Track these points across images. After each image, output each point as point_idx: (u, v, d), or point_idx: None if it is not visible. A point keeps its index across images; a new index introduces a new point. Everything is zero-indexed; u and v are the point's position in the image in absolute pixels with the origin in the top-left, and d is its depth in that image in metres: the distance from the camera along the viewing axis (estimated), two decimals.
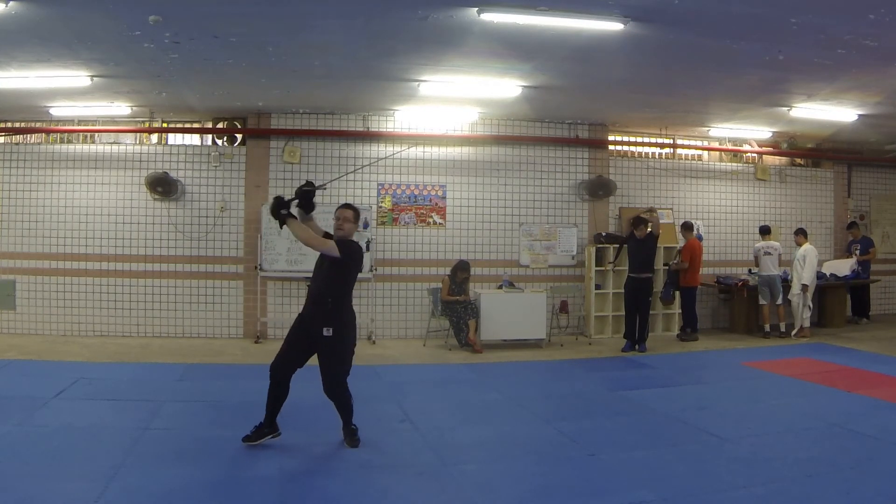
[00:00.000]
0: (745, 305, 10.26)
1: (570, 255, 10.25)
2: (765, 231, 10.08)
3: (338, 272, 4.71)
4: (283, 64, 7.12)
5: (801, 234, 10.01)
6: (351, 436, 4.73)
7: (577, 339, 9.67)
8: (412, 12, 5.59)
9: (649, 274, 8.91)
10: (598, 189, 10.12)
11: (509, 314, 8.96)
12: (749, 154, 11.29)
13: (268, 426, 4.70)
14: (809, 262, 9.68)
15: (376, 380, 7.08)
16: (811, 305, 9.87)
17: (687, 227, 9.90)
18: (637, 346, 8.79)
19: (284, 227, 4.64)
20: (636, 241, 8.86)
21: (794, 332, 9.75)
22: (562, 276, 10.21)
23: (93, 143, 9.52)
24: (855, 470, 4.34)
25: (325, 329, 4.62)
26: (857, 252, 11.12)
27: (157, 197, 9.31)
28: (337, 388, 4.68)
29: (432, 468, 4.42)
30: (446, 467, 4.43)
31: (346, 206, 4.92)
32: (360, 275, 9.28)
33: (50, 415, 5.41)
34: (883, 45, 6.12)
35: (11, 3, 5.23)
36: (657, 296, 9.66)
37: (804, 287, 9.69)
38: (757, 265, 9.97)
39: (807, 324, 9.80)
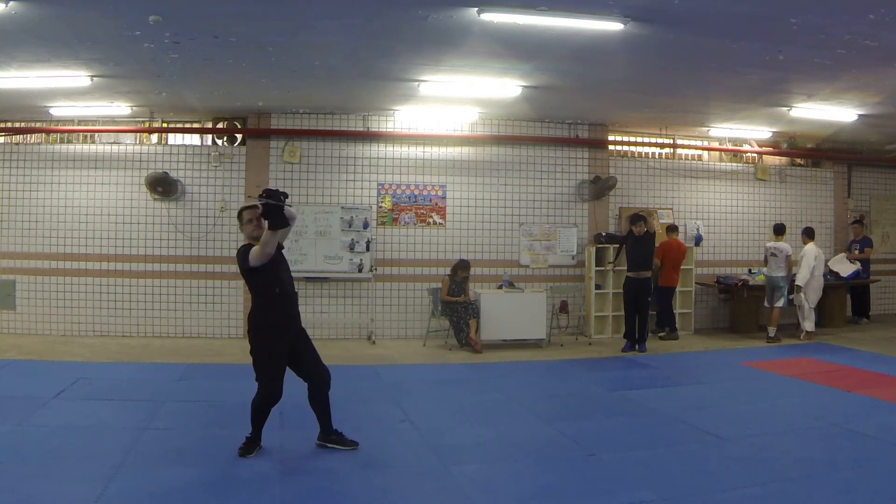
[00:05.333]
0: (745, 305, 10.25)
1: (570, 255, 10.25)
2: (778, 231, 9.68)
3: None
4: (283, 64, 7.12)
5: (805, 234, 9.82)
6: (342, 438, 4.67)
7: (577, 339, 9.67)
8: (412, 12, 5.59)
9: (648, 274, 8.91)
10: (605, 191, 10.11)
11: (509, 314, 8.96)
12: (749, 154, 11.29)
13: (258, 439, 4.60)
14: (805, 263, 9.50)
15: (376, 380, 7.08)
16: (806, 306, 9.56)
17: (669, 227, 9.90)
18: (637, 346, 8.78)
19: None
20: (634, 238, 8.87)
21: (801, 335, 9.60)
22: (562, 276, 10.20)
23: (93, 143, 9.52)
24: (855, 470, 4.34)
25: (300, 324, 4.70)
26: (857, 251, 11.12)
27: (157, 197, 9.31)
28: (327, 369, 4.71)
29: (432, 468, 4.42)
30: (446, 467, 4.42)
31: (250, 206, 4.64)
32: (359, 275, 9.40)
33: (50, 415, 5.41)
34: (883, 45, 6.12)
35: (11, 3, 5.23)
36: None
37: (797, 288, 9.51)
38: (765, 265, 9.73)
39: (808, 327, 9.53)
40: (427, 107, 9.15)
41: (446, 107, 9.17)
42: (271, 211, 4.18)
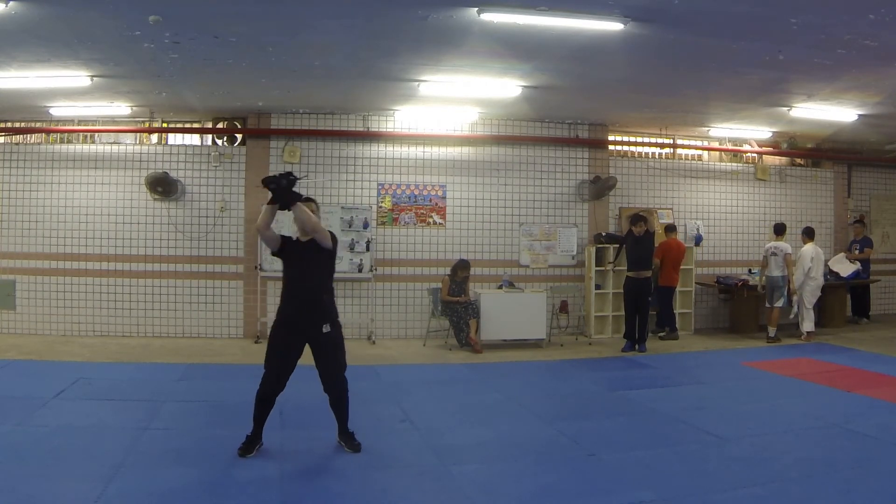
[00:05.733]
0: (745, 305, 10.25)
1: (570, 255, 10.25)
2: (778, 230, 9.67)
3: (331, 265, 4.69)
4: (283, 64, 7.12)
5: (804, 234, 9.83)
6: (351, 439, 4.68)
7: (577, 339, 9.67)
8: (412, 12, 5.59)
9: (648, 274, 8.91)
10: (605, 191, 10.11)
11: (509, 314, 8.95)
12: (749, 154, 11.29)
13: (258, 437, 4.60)
14: (799, 265, 9.49)
15: (376, 380, 7.08)
16: (805, 307, 9.55)
17: (668, 227, 9.91)
18: (637, 346, 8.78)
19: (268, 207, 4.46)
20: (634, 238, 8.87)
21: (801, 336, 9.56)
22: (562, 276, 10.20)
23: (93, 143, 9.52)
24: (855, 470, 4.35)
25: (324, 326, 4.55)
26: (857, 251, 11.13)
27: (157, 197, 9.30)
28: (343, 381, 4.65)
29: (432, 468, 4.42)
30: (446, 467, 4.43)
31: (308, 199, 4.72)
32: (359, 274, 9.41)
33: (50, 415, 5.41)
34: (883, 45, 6.12)
35: (11, 3, 5.23)
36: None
37: (793, 290, 9.47)
38: (765, 265, 9.65)
39: (808, 327, 9.52)
40: (427, 107, 9.15)
41: (446, 107, 9.17)
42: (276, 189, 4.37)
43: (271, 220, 4.49)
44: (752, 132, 10.67)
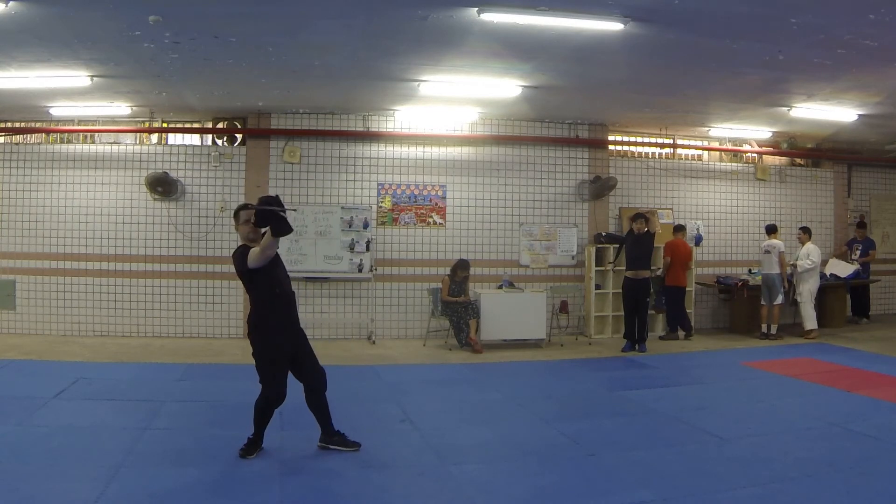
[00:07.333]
0: (745, 305, 10.25)
1: (570, 255, 10.25)
2: (769, 230, 9.86)
3: None
4: (283, 64, 7.12)
5: (804, 232, 9.93)
6: (344, 439, 4.66)
7: (577, 339, 9.67)
8: (412, 12, 5.59)
9: (647, 274, 8.91)
10: (605, 191, 10.11)
11: (509, 314, 8.95)
12: (749, 154, 11.29)
13: (259, 440, 4.58)
14: (813, 261, 9.64)
15: (376, 380, 7.09)
16: (807, 302, 9.70)
17: (677, 227, 9.93)
18: (637, 346, 8.78)
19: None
20: (634, 237, 8.87)
21: (805, 335, 9.59)
22: (562, 276, 10.20)
23: (93, 143, 9.52)
24: (855, 470, 4.34)
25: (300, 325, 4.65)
26: (858, 251, 11.13)
27: (157, 197, 9.30)
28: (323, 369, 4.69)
29: (432, 468, 4.42)
30: (446, 467, 4.43)
31: (247, 206, 4.56)
32: (359, 274, 9.40)
33: (50, 415, 5.41)
34: (883, 45, 6.12)
35: (11, 3, 5.23)
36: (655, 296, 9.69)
37: (794, 272, 9.62)
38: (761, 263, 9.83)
39: (811, 325, 9.61)
40: (427, 107, 9.15)
41: (446, 107, 9.17)
42: (268, 217, 4.04)
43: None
44: (752, 132, 10.67)
